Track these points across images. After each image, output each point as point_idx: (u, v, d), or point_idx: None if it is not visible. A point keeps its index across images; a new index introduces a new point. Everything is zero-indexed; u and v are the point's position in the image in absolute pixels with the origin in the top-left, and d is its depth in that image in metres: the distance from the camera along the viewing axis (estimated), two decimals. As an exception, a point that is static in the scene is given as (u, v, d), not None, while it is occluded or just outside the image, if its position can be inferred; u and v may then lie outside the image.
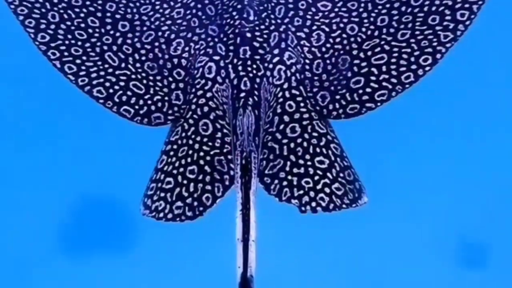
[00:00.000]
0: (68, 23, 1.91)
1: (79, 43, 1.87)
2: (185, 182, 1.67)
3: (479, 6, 1.79)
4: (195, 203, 1.65)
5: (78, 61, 1.83)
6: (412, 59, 1.78)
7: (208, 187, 1.66)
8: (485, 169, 2.51)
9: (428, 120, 2.53)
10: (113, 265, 2.40)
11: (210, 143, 1.71)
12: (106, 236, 2.51)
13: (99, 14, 1.95)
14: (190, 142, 1.72)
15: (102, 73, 1.83)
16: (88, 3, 1.96)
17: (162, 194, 1.68)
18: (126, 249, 2.42)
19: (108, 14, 1.95)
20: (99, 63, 1.85)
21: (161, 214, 1.66)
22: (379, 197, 1.83)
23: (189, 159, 1.70)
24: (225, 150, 1.70)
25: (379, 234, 2.33)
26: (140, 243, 2.31)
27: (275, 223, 1.67)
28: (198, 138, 1.72)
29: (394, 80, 1.77)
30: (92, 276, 2.40)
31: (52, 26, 1.88)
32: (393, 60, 1.80)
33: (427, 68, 1.76)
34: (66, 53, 1.84)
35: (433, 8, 1.84)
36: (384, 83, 1.77)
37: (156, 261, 2.25)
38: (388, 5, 1.90)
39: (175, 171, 1.70)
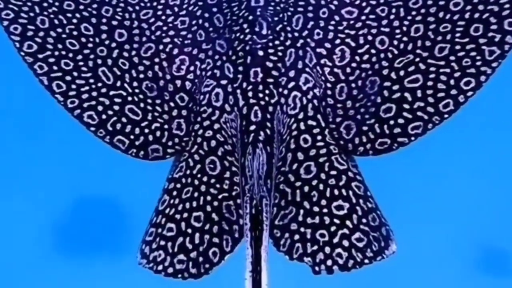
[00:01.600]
0: (59, 30, 1.69)
1: (70, 54, 1.65)
2: (189, 231, 1.47)
3: None
4: (201, 259, 1.44)
5: (68, 77, 1.62)
6: (452, 81, 1.53)
7: (216, 240, 1.46)
8: (506, 175, 2.38)
9: (447, 126, 2.35)
10: (111, 269, 2.30)
11: (217, 185, 1.51)
12: (104, 238, 2.42)
13: (93, 20, 1.73)
14: (196, 182, 1.52)
15: (94, 93, 1.62)
16: (82, 7, 1.73)
17: (163, 243, 1.48)
18: (124, 251, 2.29)
19: (104, 20, 1.73)
20: (92, 80, 1.63)
21: (160, 267, 1.46)
22: (397, 204, 1.67)
23: (194, 203, 1.50)
24: (234, 193, 1.49)
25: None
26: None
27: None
28: (205, 179, 1.52)
29: (430, 109, 1.52)
30: (88, 280, 2.31)
31: (41, 34, 1.66)
32: (430, 83, 1.55)
33: (469, 94, 1.51)
34: (55, 67, 1.63)
35: (476, 15, 1.57)
36: (419, 113, 1.52)
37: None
38: (423, 10, 1.64)
39: (178, 216, 1.49)
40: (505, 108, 2.44)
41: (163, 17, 1.75)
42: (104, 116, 1.59)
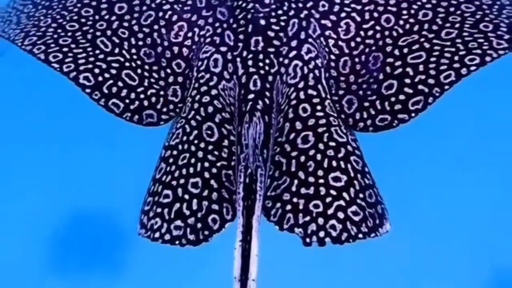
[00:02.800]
0: (59, 17, 1.68)
1: (69, 33, 1.63)
2: (186, 197, 1.40)
3: None
4: (199, 225, 1.38)
5: (65, 49, 1.59)
6: (456, 57, 1.49)
7: (215, 207, 1.39)
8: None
9: (462, 137, 2.28)
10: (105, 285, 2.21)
11: (216, 152, 1.44)
12: (98, 252, 2.31)
13: (93, 3, 1.70)
14: (193, 148, 1.45)
15: (91, 59, 1.58)
16: None
17: (159, 210, 1.41)
18: (118, 267, 2.22)
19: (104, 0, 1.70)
20: (89, 49, 1.60)
21: (157, 234, 1.39)
22: (407, 220, 1.61)
23: (191, 169, 1.43)
24: (233, 163, 1.43)
25: (406, 259, 2.13)
26: (133, 261, 2.12)
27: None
28: (202, 145, 1.45)
29: (431, 81, 1.47)
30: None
31: (41, 21, 1.67)
32: (433, 59, 1.50)
33: (472, 68, 1.46)
34: (52, 45, 1.60)
35: (487, 18, 1.54)
36: (419, 86, 1.47)
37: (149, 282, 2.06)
38: (434, 1, 1.61)
39: (174, 182, 1.43)
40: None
41: None
42: (100, 78, 1.55)
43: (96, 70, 1.56)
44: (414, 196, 2.21)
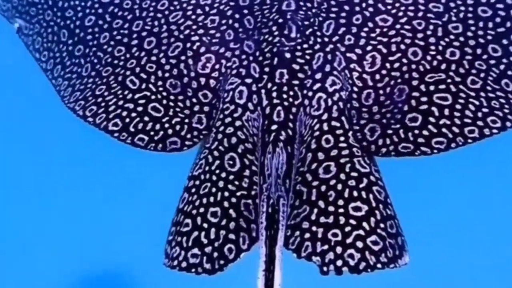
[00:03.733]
0: (98, 66, 1.78)
1: (104, 80, 1.73)
2: (205, 225, 1.43)
3: None
4: (215, 254, 1.39)
5: (99, 99, 1.69)
6: (479, 114, 1.52)
7: (232, 236, 1.41)
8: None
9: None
10: None
11: (236, 182, 1.47)
12: None
13: (125, 40, 1.78)
14: (214, 178, 1.48)
15: (120, 102, 1.66)
16: (115, 32, 1.80)
17: (179, 239, 1.44)
18: None
19: (135, 36, 1.78)
20: (119, 92, 1.68)
21: (175, 262, 1.42)
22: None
23: (211, 199, 1.46)
24: (253, 193, 1.45)
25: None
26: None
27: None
28: (223, 175, 1.48)
29: (456, 130, 1.50)
30: None
31: (75, 68, 1.78)
32: (458, 106, 1.53)
33: (495, 131, 1.50)
34: (90, 98, 1.70)
35: (509, 72, 1.58)
36: (444, 130, 1.50)
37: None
38: (462, 39, 1.63)
39: (194, 211, 1.45)
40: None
41: (193, 17, 1.76)
42: (127, 120, 1.63)
43: (124, 113, 1.64)
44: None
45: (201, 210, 1.45)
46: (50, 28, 1.88)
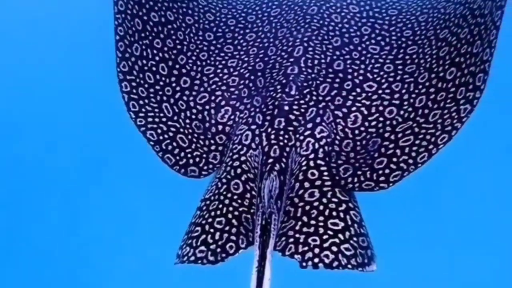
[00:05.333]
0: (144, 61, 2.15)
1: (146, 85, 2.10)
2: (211, 230, 1.76)
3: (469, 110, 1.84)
4: (218, 249, 1.72)
5: (141, 101, 2.05)
6: (433, 139, 1.83)
7: (233, 238, 1.73)
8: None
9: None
10: None
11: (239, 201, 1.80)
12: None
13: (170, 63, 2.19)
14: (221, 198, 1.82)
15: (157, 119, 2.03)
16: (165, 49, 2.20)
17: (189, 241, 1.77)
18: None
19: (177, 66, 2.19)
20: (156, 110, 2.05)
21: (185, 258, 1.74)
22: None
23: (218, 212, 1.79)
24: (252, 211, 1.77)
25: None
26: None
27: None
28: (229, 195, 1.82)
29: (410, 161, 1.82)
30: None
31: (133, 59, 2.11)
32: (417, 141, 1.85)
33: (441, 146, 1.81)
34: (134, 90, 2.05)
35: (448, 100, 1.89)
36: (401, 164, 1.82)
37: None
38: (428, 83, 1.97)
39: (203, 221, 1.79)
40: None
41: (220, 75, 2.17)
42: (161, 137, 1.99)
43: (159, 130, 2.02)
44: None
45: (209, 220, 1.78)
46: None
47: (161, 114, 2.05)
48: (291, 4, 2.39)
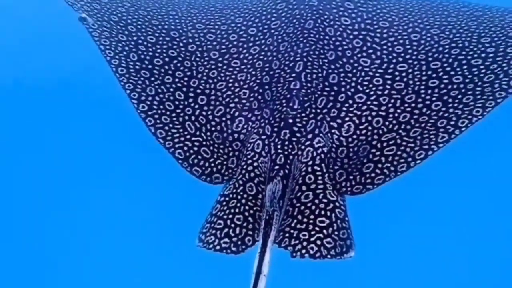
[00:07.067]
0: (161, 96, 2.38)
1: (168, 113, 2.35)
2: (232, 225, 2.10)
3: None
4: (239, 243, 2.08)
5: (166, 127, 2.32)
6: (412, 152, 2.14)
7: (250, 233, 2.08)
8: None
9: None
10: None
11: (253, 201, 2.13)
12: None
13: (184, 89, 2.43)
14: (239, 197, 2.15)
15: (182, 138, 2.31)
16: (177, 80, 2.46)
17: (213, 232, 2.10)
18: None
19: (191, 89, 2.44)
20: (181, 130, 2.38)
21: (211, 246, 2.08)
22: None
23: (237, 210, 2.13)
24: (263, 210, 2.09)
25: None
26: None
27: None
28: (245, 196, 2.15)
29: (392, 169, 2.16)
30: None
31: (150, 98, 2.38)
32: (399, 152, 2.15)
33: (418, 162, 2.17)
34: (158, 121, 2.33)
35: (429, 124, 2.24)
36: (384, 170, 2.15)
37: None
38: (413, 105, 2.24)
39: (225, 216, 2.12)
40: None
41: (232, 88, 2.44)
42: (187, 154, 2.29)
43: (185, 148, 2.30)
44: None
45: (230, 216, 2.13)
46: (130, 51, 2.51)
47: (185, 132, 2.31)
48: (290, 16, 2.59)
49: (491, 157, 2.65)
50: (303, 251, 2.05)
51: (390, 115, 2.26)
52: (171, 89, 2.43)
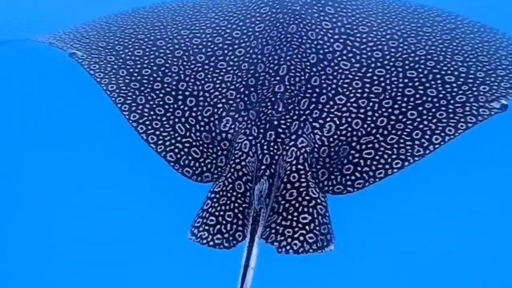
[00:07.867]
0: (151, 102, 2.46)
1: (158, 117, 2.43)
2: (224, 222, 2.21)
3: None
4: (231, 238, 2.19)
5: (157, 132, 2.40)
6: (389, 160, 2.23)
7: (240, 228, 2.19)
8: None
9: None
10: None
11: (242, 199, 2.24)
12: None
13: (173, 93, 2.49)
14: (229, 195, 2.26)
15: (173, 141, 2.39)
16: (165, 85, 2.53)
17: (207, 227, 2.20)
18: None
19: (180, 92, 2.49)
20: (172, 133, 2.40)
21: (204, 241, 2.19)
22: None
23: (227, 207, 2.24)
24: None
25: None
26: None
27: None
28: (234, 194, 2.26)
29: (371, 174, 2.24)
30: None
31: (140, 107, 2.47)
32: (377, 157, 2.24)
33: (395, 171, 2.22)
34: (149, 127, 2.41)
35: (405, 133, 2.30)
36: (364, 174, 2.23)
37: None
38: (390, 110, 2.32)
39: (217, 213, 2.23)
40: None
41: (220, 89, 2.49)
42: (178, 156, 2.36)
43: (176, 150, 2.37)
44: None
45: (221, 213, 2.22)
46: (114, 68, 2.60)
47: (176, 134, 2.39)
48: (273, 20, 2.66)
49: (485, 158, 2.71)
50: (288, 247, 2.17)
51: (369, 118, 2.35)
52: (161, 95, 2.52)
